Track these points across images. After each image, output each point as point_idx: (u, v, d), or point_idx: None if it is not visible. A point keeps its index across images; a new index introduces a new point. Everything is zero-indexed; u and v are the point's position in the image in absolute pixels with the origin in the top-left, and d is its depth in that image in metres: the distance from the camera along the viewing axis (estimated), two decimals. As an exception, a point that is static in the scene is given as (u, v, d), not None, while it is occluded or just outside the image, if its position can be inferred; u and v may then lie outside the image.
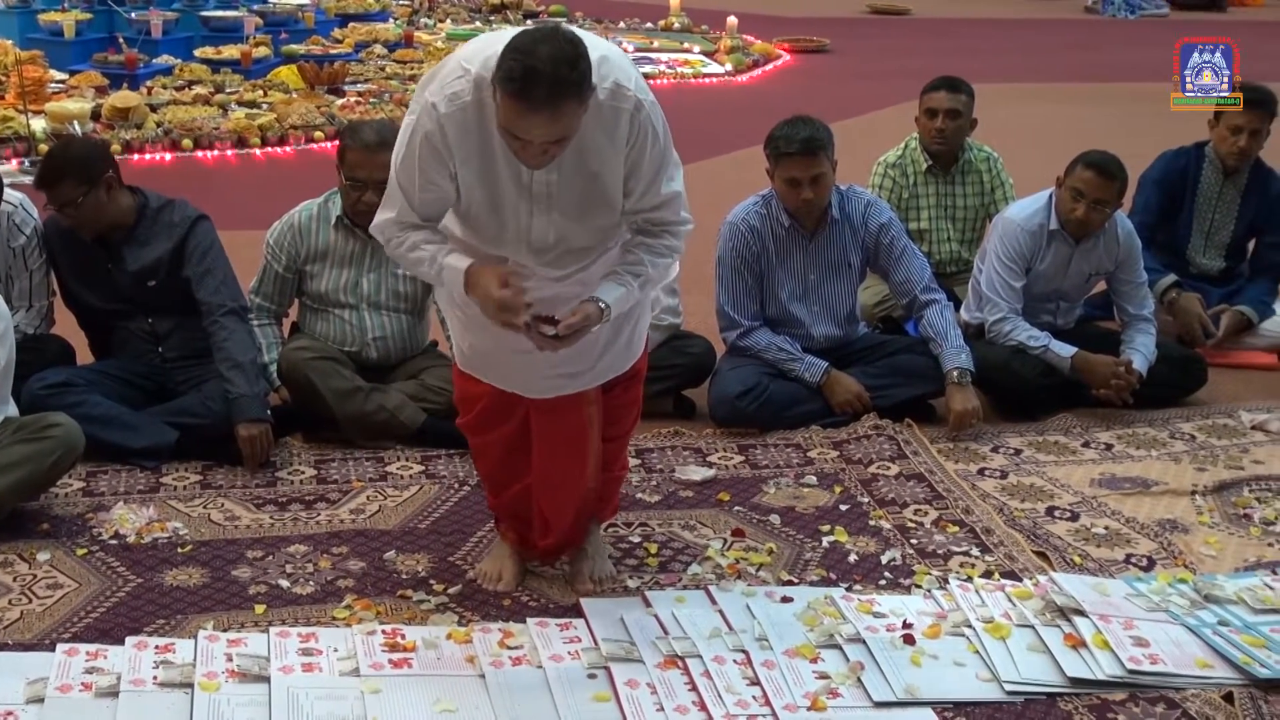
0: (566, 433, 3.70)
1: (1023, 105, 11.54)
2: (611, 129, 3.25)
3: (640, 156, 3.31)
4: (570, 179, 3.31)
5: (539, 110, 3.05)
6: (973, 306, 5.44)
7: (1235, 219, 6.09)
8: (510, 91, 3.04)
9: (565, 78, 3.04)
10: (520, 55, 3.03)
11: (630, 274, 3.43)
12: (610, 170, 3.31)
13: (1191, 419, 5.30)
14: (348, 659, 3.41)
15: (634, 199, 3.38)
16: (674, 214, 3.45)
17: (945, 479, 4.65)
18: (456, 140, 3.25)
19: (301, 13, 13.24)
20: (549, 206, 3.33)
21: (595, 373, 3.63)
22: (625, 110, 3.24)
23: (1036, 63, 15.00)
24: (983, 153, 6.09)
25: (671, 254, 3.50)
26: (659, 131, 3.33)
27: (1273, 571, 4.05)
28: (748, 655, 3.50)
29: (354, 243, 4.86)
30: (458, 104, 3.21)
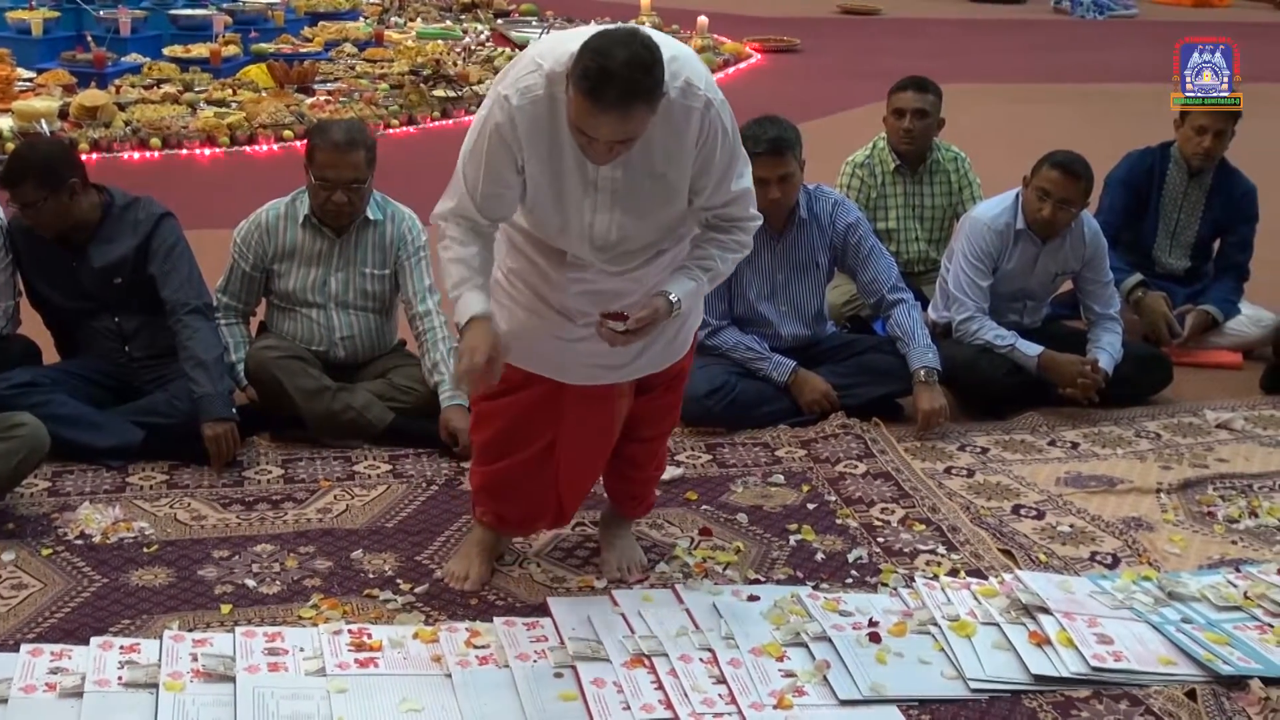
0: (598, 423, 3.75)
1: (991, 105, 11.57)
2: (682, 128, 3.29)
3: (710, 155, 3.35)
4: (636, 177, 3.34)
5: (609, 111, 3.10)
6: (940, 306, 5.46)
7: (1200, 219, 6.12)
8: (583, 90, 3.09)
9: (638, 82, 3.09)
10: (597, 56, 3.08)
11: (700, 268, 3.49)
12: (677, 169, 3.35)
13: (1157, 417, 5.33)
14: (314, 659, 3.41)
15: (704, 197, 3.42)
16: (744, 210, 3.51)
17: (912, 478, 4.67)
18: (527, 133, 3.28)
19: (271, 11, 13.19)
20: (613, 204, 3.37)
21: (635, 367, 3.67)
22: (696, 109, 3.28)
23: (1005, 63, 15.04)
24: (950, 152, 6.11)
25: (741, 249, 3.56)
26: (729, 129, 3.37)
27: (1236, 569, 4.08)
28: (714, 654, 3.50)
29: (322, 242, 4.85)
30: (529, 97, 3.25)
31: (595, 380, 3.65)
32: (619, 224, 3.40)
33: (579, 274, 3.51)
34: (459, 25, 14.86)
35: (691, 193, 3.42)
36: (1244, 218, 6.13)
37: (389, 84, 11.10)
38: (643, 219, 3.42)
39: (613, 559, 3.98)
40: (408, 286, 4.89)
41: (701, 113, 3.29)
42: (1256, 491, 4.67)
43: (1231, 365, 5.95)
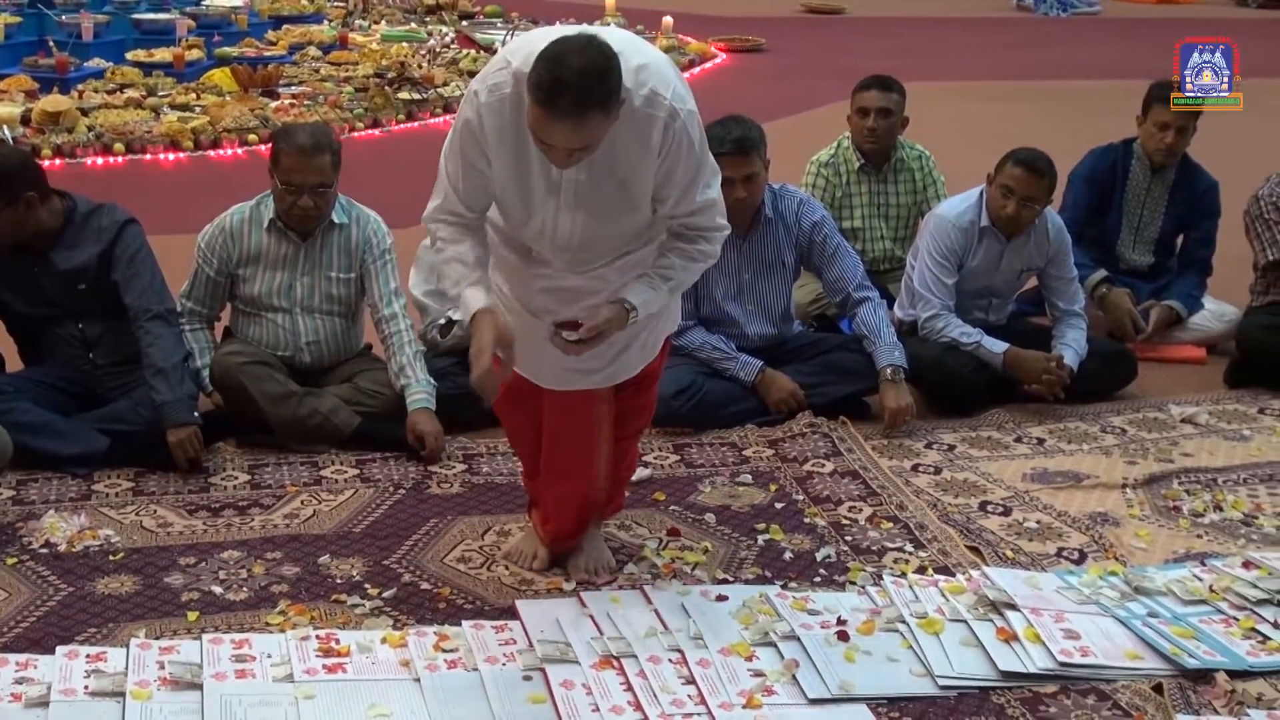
0: (576, 428, 3.76)
1: (954, 103, 11.62)
2: (645, 136, 3.28)
3: (674, 165, 3.34)
4: (599, 182, 3.34)
5: (563, 120, 3.09)
6: (906, 304, 5.48)
7: (1163, 215, 6.16)
8: (537, 99, 3.09)
9: (592, 90, 3.07)
10: (551, 65, 3.07)
11: (660, 277, 3.49)
12: (639, 178, 3.35)
13: (1122, 413, 5.35)
14: (281, 665, 3.39)
15: (668, 205, 3.42)
16: (709, 220, 3.49)
17: (879, 476, 4.68)
18: (493, 129, 3.30)
19: (234, 15, 13.17)
20: (575, 205, 3.38)
21: (609, 373, 3.68)
22: (660, 118, 3.26)
23: (969, 61, 15.10)
24: (915, 151, 6.13)
25: (706, 259, 3.55)
26: (694, 140, 3.35)
27: (1201, 563, 4.10)
28: (683, 654, 3.50)
29: (287, 246, 4.83)
30: (497, 94, 3.27)
31: (571, 385, 3.67)
32: (581, 225, 3.40)
33: (543, 269, 3.53)
34: (423, 28, 14.86)
35: (655, 201, 3.41)
36: (1207, 213, 6.16)
37: (354, 87, 11.09)
38: (605, 223, 3.41)
39: (581, 561, 3.98)
40: (373, 290, 4.88)
41: (666, 122, 3.27)
42: (1221, 485, 4.70)
43: (1195, 360, 5.98)
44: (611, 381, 3.71)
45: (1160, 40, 15.81)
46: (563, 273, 3.51)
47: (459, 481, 4.54)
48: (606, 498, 3.99)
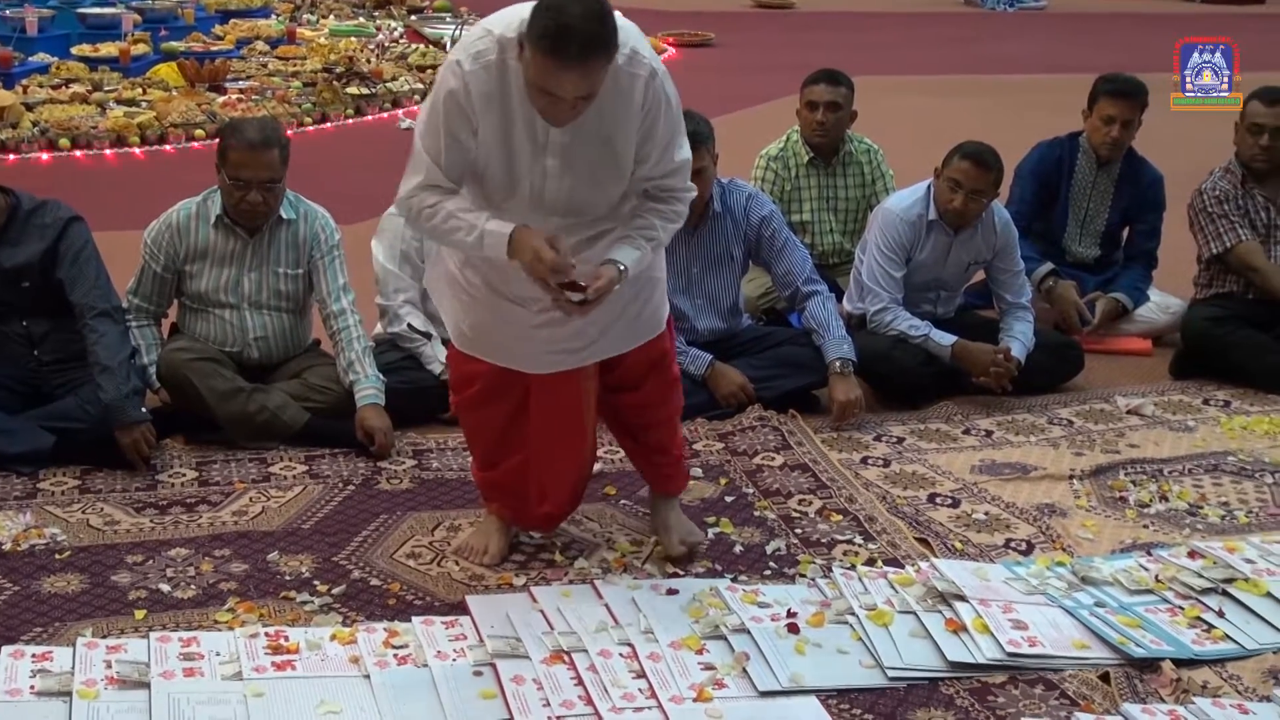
0: (564, 406, 3.79)
1: (903, 97, 11.67)
2: (628, 94, 3.37)
3: (654, 123, 3.44)
4: (585, 142, 3.40)
5: (572, 66, 3.17)
6: (854, 297, 5.50)
7: (1109, 208, 6.20)
8: (544, 48, 3.17)
9: (596, 33, 3.17)
10: (553, 13, 3.15)
11: (643, 237, 3.56)
12: (623, 136, 3.43)
13: (1069, 405, 5.39)
14: (230, 663, 3.37)
15: (648, 166, 3.50)
16: (682, 181, 3.61)
17: (829, 468, 4.69)
18: (479, 96, 3.35)
19: (181, 9, 13.07)
20: (562, 168, 3.43)
21: (596, 348, 3.72)
22: (641, 76, 3.37)
23: (917, 55, 15.17)
24: (863, 145, 6.15)
25: (679, 219, 3.65)
26: (671, 99, 3.46)
27: (1147, 553, 4.13)
28: (634, 648, 3.50)
29: (234, 242, 4.81)
30: (481, 61, 3.33)
31: (557, 367, 3.71)
32: (569, 188, 3.46)
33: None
34: (372, 22, 14.81)
35: (635, 161, 3.48)
36: (1152, 206, 6.22)
37: (302, 82, 11.04)
38: (591, 185, 3.49)
39: (673, 537, 4.03)
40: (321, 286, 4.86)
41: (647, 80, 3.38)
42: (1167, 476, 4.74)
43: (1141, 352, 6.03)
44: (596, 357, 3.75)
45: (1106, 35, 15.96)
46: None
47: (408, 477, 4.53)
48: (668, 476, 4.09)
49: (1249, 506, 4.54)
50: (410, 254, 5.03)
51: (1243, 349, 5.60)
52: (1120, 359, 5.95)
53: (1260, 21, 18.13)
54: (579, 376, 3.78)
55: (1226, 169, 5.85)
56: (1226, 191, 5.78)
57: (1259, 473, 4.79)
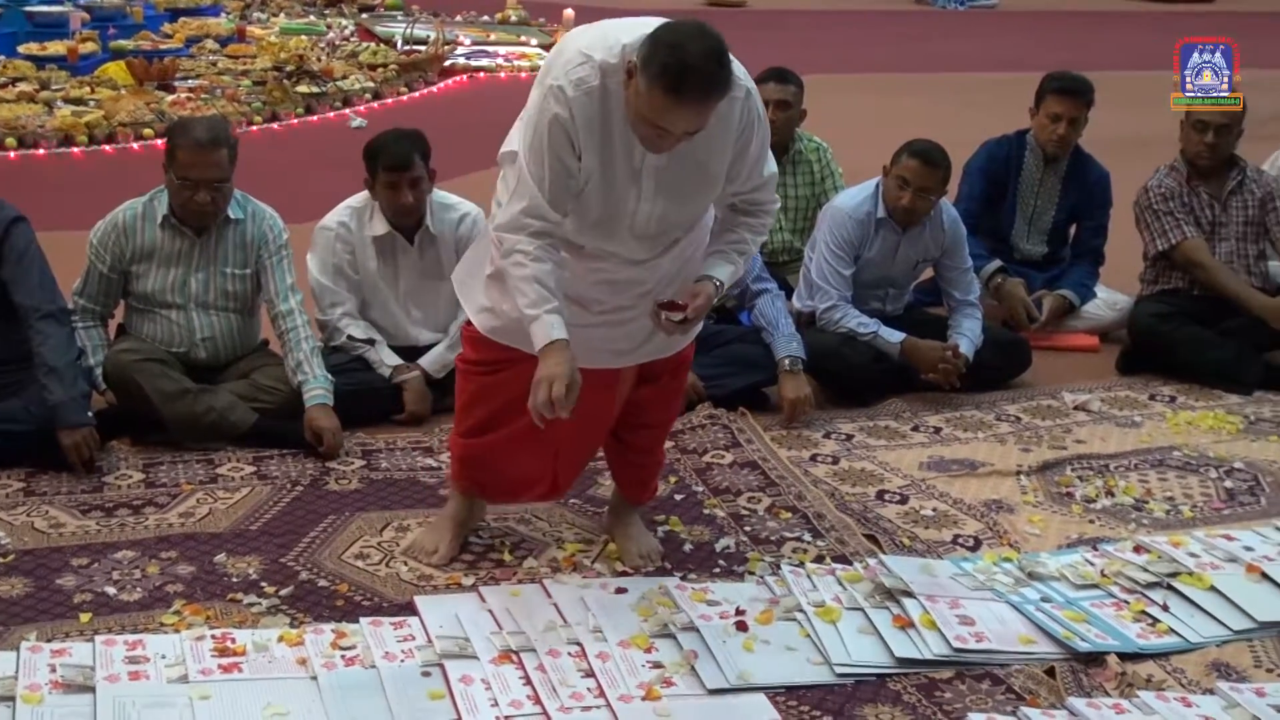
0: (598, 406, 3.78)
1: (853, 96, 11.68)
2: (726, 117, 3.39)
3: (749, 141, 3.48)
4: (680, 165, 3.43)
5: (689, 105, 3.20)
6: (804, 295, 5.51)
7: (1056, 205, 6.24)
8: (663, 86, 3.17)
9: (716, 75, 3.21)
10: (674, 51, 3.16)
11: (736, 252, 3.63)
12: (718, 157, 3.46)
13: (1017, 401, 5.43)
14: (176, 665, 3.35)
15: (739, 182, 3.55)
16: (769, 194, 3.65)
17: (778, 466, 4.70)
18: (583, 123, 3.35)
19: (130, 8, 12.97)
20: (656, 192, 3.45)
21: (643, 351, 3.76)
22: (738, 99, 3.39)
23: (867, 54, 15.21)
24: (813, 143, 6.16)
25: (765, 231, 3.75)
26: (762, 116, 3.51)
27: (1093, 548, 4.16)
28: (582, 648, 3.50)
29: (181, 242, 4.78)
30: (584, 88, 3.33)
31: (602, 364, 3.71)
32: (661, 211, 3.49)
33: (599, 264, 3.59)
34: (323, 20, 14.73)
35: (727, 179, 3.52)
36: (1099, 203, 6.26)
37: (252, 80, 10.98)
38: (683, 206, 3.52)
39: (632, 548, 4.03)
40: (269, 286, 4.84)
41: (743, 102, 3.41)
42: (1113, 471, 4.77)
43: (1088, 348, 6.07)
44: (641, 360, 3.80)
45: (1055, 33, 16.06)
46: (620, 265, 3.58)
47: (357, 477, 4.52)
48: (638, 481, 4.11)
49: (1194, 501, 4.58)
50: (343, 267, 5.03)
51: (1188, 345, 5.65)
52: (1068, 355, 5.99)
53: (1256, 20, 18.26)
54: (618, 378, 3.82)
55: (1172, 167, 5.90)
56: (1172, 189, 5.83)
57: (1204, 467, 4.83)
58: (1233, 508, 4.55)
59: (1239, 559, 4.05)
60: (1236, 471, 4.80)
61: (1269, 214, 5.85)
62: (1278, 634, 3.74)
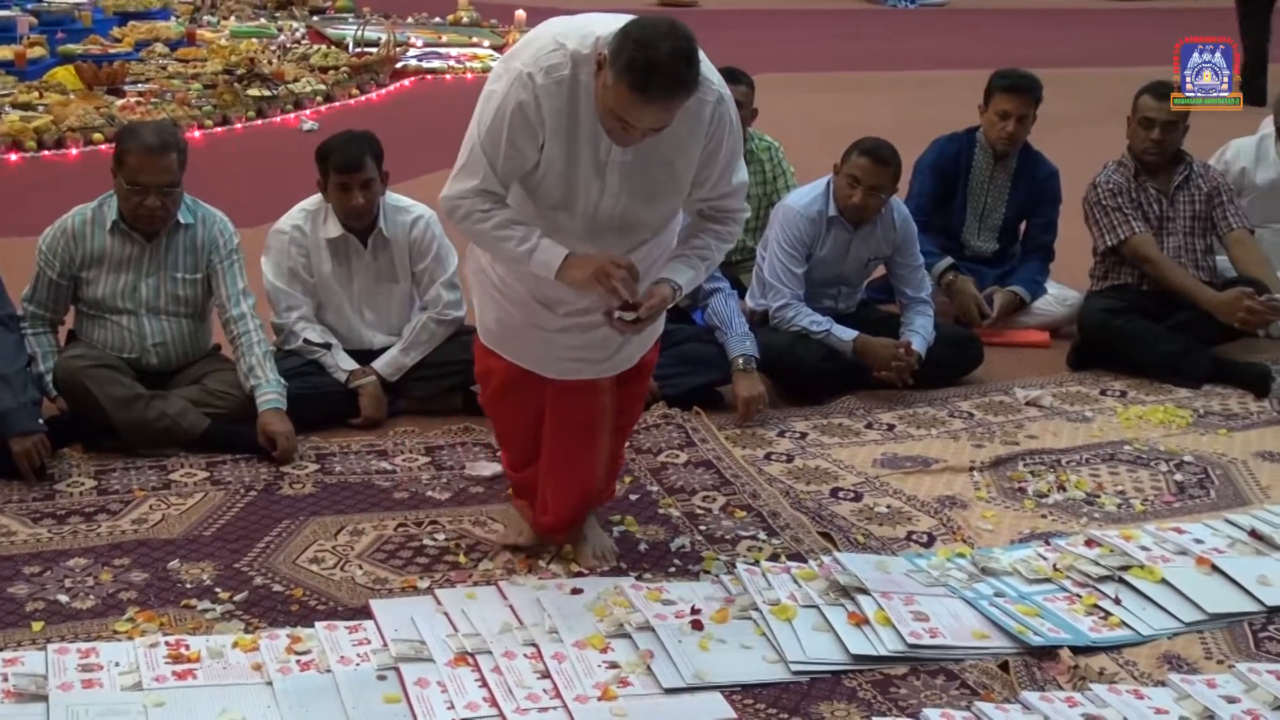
0: (579, 417, 3.79)
1: (803, 94, 11.73)
2: (694, 120, 3.40)
3: (718, 147, 3.49)
4: (647, 162, 3.44)
5: (655, 102, 3.22)
6: (757, 294, 5.53)
7: (1006, 202, 6.27)
8: (629, 82, 3.18)
9: (683, 74, 3.22)
10: (643, 48, 3.17)
11: (698, 257, 3.63)
12: (684, 159, 3.47)
13: (969, 397, 5.46)
14: (130, 673, 3.33)
15: (707, 187, 3.55)
16: (739, 203, 3.66)
17: (733, 465, 4.72)
18: (550, 112, 3.35)
19: (78, 11, 12.90)
20: (620, 186, 3.45)
21: (614, 362, 3.76)
22: (709, 102, 3.40)
23: (818, 52, 15.26)
24: (764, 142, 6.17)
25: (732, 239, 3.73)
26: (735, 123, 3.53)
27: (1046, 542, 4.19)
28: (538, 649, 3.50)
29: (131, 247, 4.75)
30: (554, 76, 3.33)
31: (578, 375, 3.73)
32: (624, 206, 3.49)
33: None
34: (274, 23, 14.69)
35: (694, 184, 3.53)
36: (1048, 200, 6.30)
37: (202, 84, 10.93)
38: (647, 204, 3.52)
39: (588, 548, 4.03)
40: (221, 290, 4.82)
41: (714, 106, 3.42)
42: (1064, 466, 4.81)
43: (1039, 344, 6.11)
44: (615, 370, 3.79)
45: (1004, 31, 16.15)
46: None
47: (311, 482, 4.50)
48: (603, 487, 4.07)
49: (1144, 495, 4.61)
50: (299, 270, 5.02)
51: (1138, 339, 5.69)
52: (1019, 351, 6.03)
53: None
54: (597, 389, 3.80)
55: (1120, 163, 5.95)
56: (1120, 185, 5.87)
57: (1154, 461, 4.87)
58: (1183, 501, 4.59)
59: (1189, 552, 4.09)
60: (1186, 465, 4.84)
61: (1216, 209, 5.91)
62: (1228, 626, 3.78)
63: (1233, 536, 4.20)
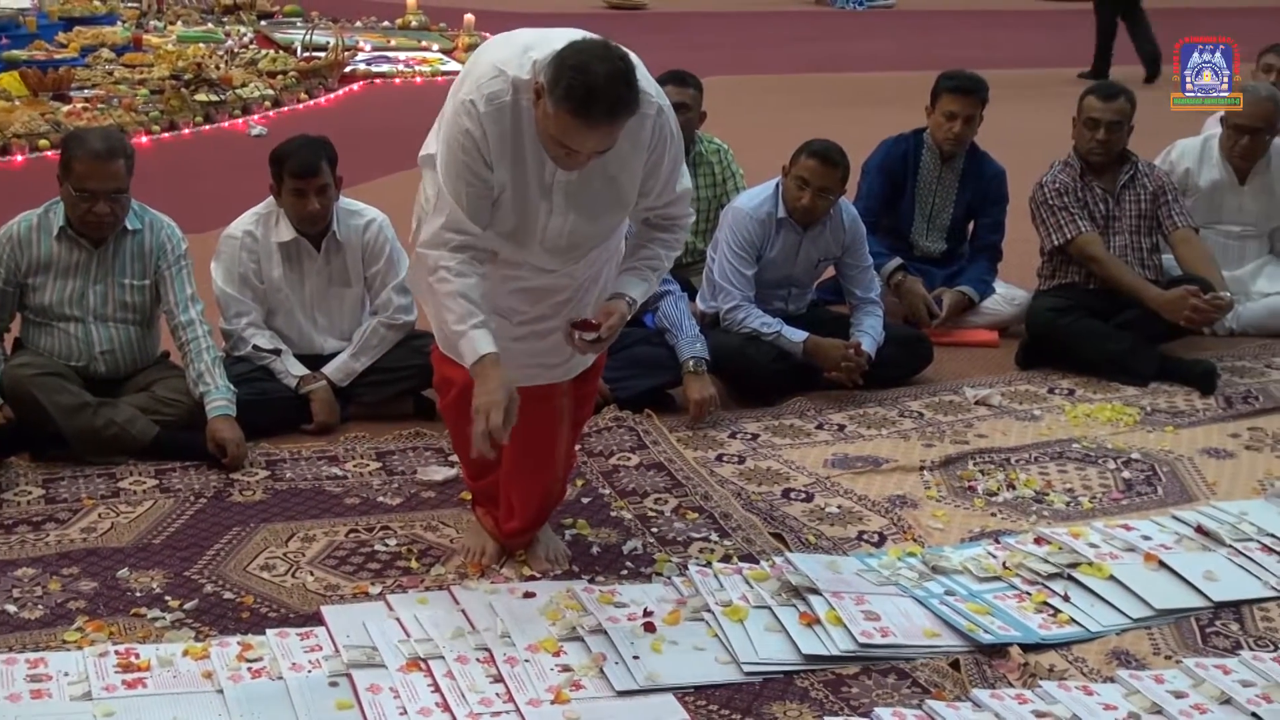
0: (539, 422, 3.78)
1: (752, 96, 11.76)
2: (635, 133, 3.40)
3: (660, 158, 3.51)
4: (591, 181, 3.45)
5: (597, 127, 3.22)
6: (707, 296, 5.54)
7: (954, 202, 6.31)
8: (569, 109, 3.19)
9: (623, 96, 3.23)
10: (579, 73, 3.18)
11: (649, 268, 3.66)
12: (628, 173, 3.47)
13: (919, 397, 5.48)
14: (79, 683, 3.31)
15: (651, 197, 3.56)
16: (684, 209, 3.68)
17: (685, 467, 4.72)
18: (495, 138, 3.36)
19: (22, 17, 12.79)
20: (567, 206, 3.46)
21: (570, 365, 3.78)
22: (649, 116, 3.41)
23: (767, 55, 15.30)
24: (714, 144, 6.18)
25: (679, 246, 3.77)
26: (675, 133, 3.52)
27: (995, 540, 4.22)
28: (491, 653, 3.50)
29: (79, 254, 4.72)
30: (496, 103, 3.34)
31: (534, 380, 3.72)
32: (572, 226, 3.50)
33: (513, 272, 3.60)
34: (221, 28, 14.62)
35: (639, 194, 3.53)
36: (995, 200, 6.34)
37: (149, 89, 10.86)
38: (594, 221, 3.52)
39: (540, 551, 4.03)
40: (169, 296, 4.79)
41: (654, 119, 3.42)
42: (1014, 464, 4.84)
43: (988, 343, 6.15)
44: (572, 374, 3.82)
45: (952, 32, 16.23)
46: (534, 272, 3.60)
47: (261, 488, 4.48)
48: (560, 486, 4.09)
49: (1093, 492, 4.65)
50: (249, 276, 5.00)
51: (1085, 338, 5.73)
52: (968, 351, 6.06)
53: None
54: (555, 393, 3.82)
55: (1066, 163, 5.99)
56: (1066, 184, 5.91)
57: (1102, 459, 4.91)
58: (1130, 498, 4.62)
59: (1137, 548, 4.12)
60: (1134, 462, 4.88)
61: (1161, 208, 5.96)
62: (1175, 621, 3.82)
63: (1180, 533, 4.25)
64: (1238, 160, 6.34)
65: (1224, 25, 9.75)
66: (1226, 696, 3.39)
